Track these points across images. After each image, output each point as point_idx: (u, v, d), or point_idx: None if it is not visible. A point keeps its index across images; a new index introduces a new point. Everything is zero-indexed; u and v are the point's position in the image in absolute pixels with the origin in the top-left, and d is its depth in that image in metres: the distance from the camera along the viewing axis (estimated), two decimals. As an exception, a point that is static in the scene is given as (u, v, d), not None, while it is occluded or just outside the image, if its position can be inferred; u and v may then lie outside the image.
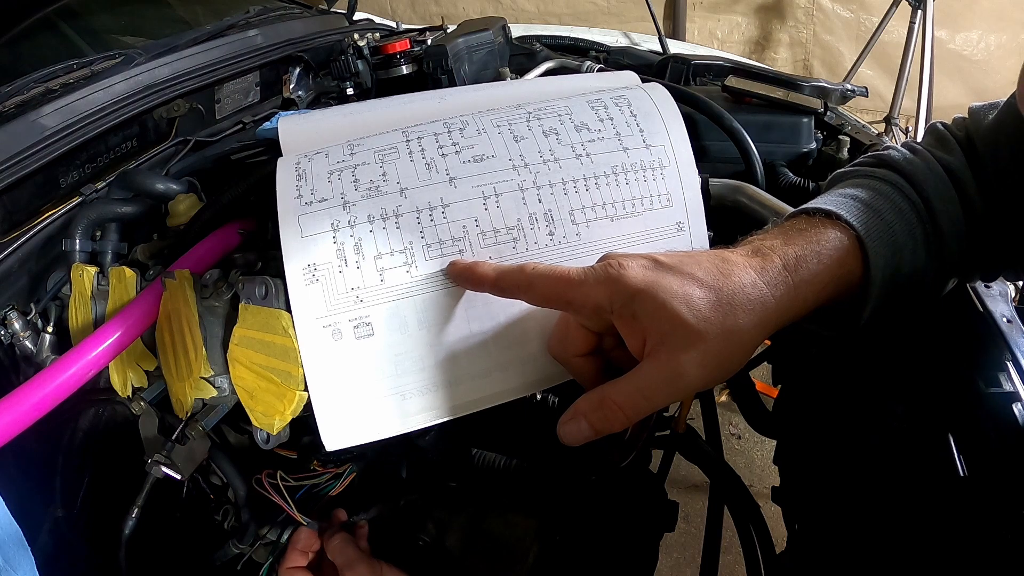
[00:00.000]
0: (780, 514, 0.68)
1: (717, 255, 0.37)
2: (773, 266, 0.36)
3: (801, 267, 0.37)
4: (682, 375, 0.34)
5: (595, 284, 0.36)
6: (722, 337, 0.34)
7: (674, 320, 0.34)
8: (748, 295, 0.35)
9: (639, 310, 0.35)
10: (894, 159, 0.43)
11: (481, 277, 0.42)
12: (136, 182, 0.63)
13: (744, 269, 0.36)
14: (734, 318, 0.34)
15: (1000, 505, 0.41)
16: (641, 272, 0.35)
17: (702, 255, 0.37)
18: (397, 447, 0.55)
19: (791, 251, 0.37)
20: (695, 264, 0.36)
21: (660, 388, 0.34)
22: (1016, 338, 0.45)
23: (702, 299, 0.34)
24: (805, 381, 0.66)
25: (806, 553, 0.61)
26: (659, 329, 0.34)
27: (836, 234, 0.39)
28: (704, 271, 0.35)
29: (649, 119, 0.52)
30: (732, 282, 0.35)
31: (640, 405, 0.35)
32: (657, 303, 0.34)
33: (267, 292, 0.45)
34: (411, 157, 0.48)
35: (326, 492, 0.54)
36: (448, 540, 0.54)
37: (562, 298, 0.38)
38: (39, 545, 0.54)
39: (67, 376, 0.46)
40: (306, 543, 0.51)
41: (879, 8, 2.22)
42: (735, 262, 0.36)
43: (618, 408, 0.35)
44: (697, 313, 0.34)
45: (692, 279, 0.35)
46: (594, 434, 0.36)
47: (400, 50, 0.88)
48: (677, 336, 0.34)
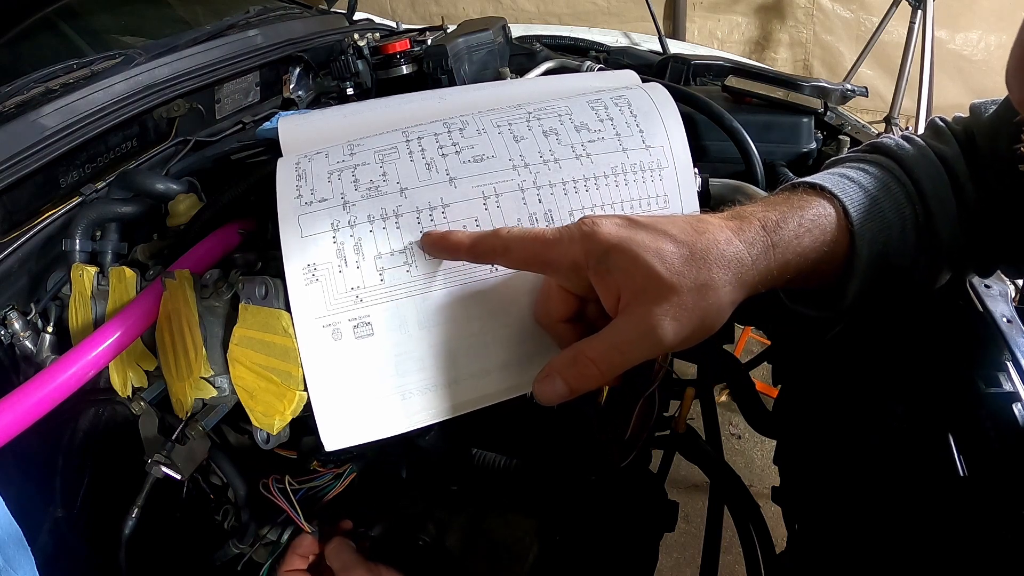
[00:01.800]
0: (780, 514, 0.68)
1: (693, 216, 0.37)
2: (750, 226, 0.36)
3: (781, 229, 0.37)
4: (655, 329, 0.33)
5: (570, 242, 0.36)
6: (696, 292, 0.33)
7: (647, 274, 0.34)
8: (723, 251, 0.35)
9: (613, 265, 0.35)
10: (886, 145, 0.43)
11: (456, 244, 0.41)
12: (136, 182, 0.63)
13: (720, 228, 0.36)
14: (708, 272, 0.34)
15: (1000, 505, 0.41)
16: (615, 229, 0.36)
17: (678, 216, 0.37)
18: (397, 447, 0.55)
19: (771, 214, 0.37)
20: (669, 223, 0.36)
21: (634, 343, 0.34)
22: (1016, 338, 0.45)
23: (675, 253, 0.34)
24: (805, 381, 0.66)
25: (806, 553, 0.61)
26: (632, 284, 0.34)
27: (821, 204, 0.39)
28: (678, 228, 0.35)
29: (649, 119, 0.52)
30: (706, 238, 0.35)
31: (614, 360, 0.34)
32: (629, 257, 0.34)
33: (267, 292, 0.45)
34: (411, 157, 0.48)
35: (326, 492, 0.54)
36: (448, 540, 0.54)
37: (538, 258, 0.38)
38: (39, 545, 0.54)
39: (67, 376, 0.46)
40: (307, 548, 0.51)
41: (879, 8, 2.22)
42: (710, 222, 0.36)
43: (592, 363, 0.35)
44: (670, 267, 0.34)
45: (665, 235, 0.35)
46: (569, 392, 0.36)
47: (400, 50, 0.88)
48: (650, 290, 0.33)
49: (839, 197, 0.39)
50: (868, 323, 0.55)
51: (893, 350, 0.54)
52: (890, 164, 0.42)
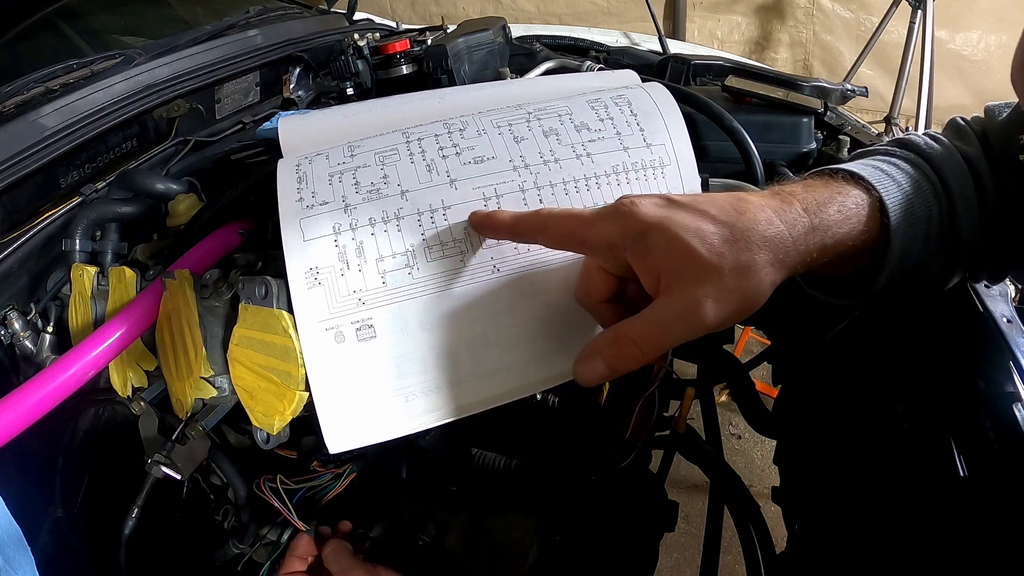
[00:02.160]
0: (780, 514, 0.68)
1: (733, 195, 0.37)
2: (792, 207, 0.36)
3: (822, 212, 0.36)
4: (697, 310, 0.33)
5: (608, 221, 0.36)
6: (737, 272, 0.33)
7: (688, 254, 0.33)
8: (764, 232, 0.34)
9: (652, 245, 0.34)
10: (915, 142, 0.43)
11: (499, 224, 0.42)
12: (136, 182, 0.63)
13: (761, 207, 0.35)
14: (749, 253, 0.33)
15: (1000, 505, 0.41)
16: (654, 208, 0.35)
17: (718, 195, 0.37)
18: (397, 447, 0.55)
19: (812, 196, 0.37)
20: (709, 202, 0.36)
21: (675, 323, 0.34)
22: (1016, 338, 0.45)
23: (716, 234, 0.34)
24: (805, 381, 0.66)
25: (806, 553, 0.61)
26: (672, 264, 0.34)
27: (858, 193, 0.39)
28: (718, 208, 0.35)
29: (649, 118, 0.52)
30: (747, 218, 0.34)
31: (655, 341, 0.34)
32: (669, 237, 0.34)
33: (267, 292, 0.45)
34: (412, 159, 0.48)
35: (326, 492, 0.54)
36: (448, 540, 0.54)
37: (575, 236, 0.38)
38: (39, 545, 0.54)
39: (67, 376, 0.46)
40: (305, 550, 0.51)
41: (879, 8, 2.21)
42: (751, 200, 0.36)
43: (633, 343, 0.34)
44: (711, 247, 0.33)
45: (706, 215, 0.35)
46: (609, 372, 0.35)
47: (400, 50, 0.88)
48: (691, 270, 0.33)
49: (877, 190, 0.39)
50: (868, 323, 0.55)
51: (893, 350, 0.54)
52: (919, 161, 0.42)
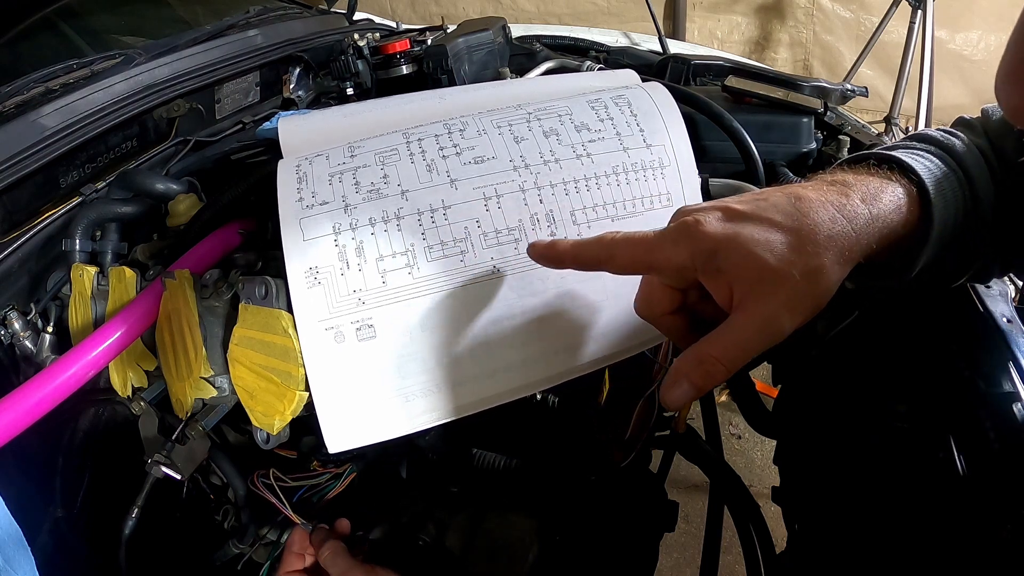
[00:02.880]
0: (780, 514, 0.68)
1: (791, 193, 0.37)
2: (851, 200, 0.36)
3: (877, 201, 0.37)
4: (774, 321, 0.34)
5: (675, 244, 0.36)
6: (807, 277, 0.34)
7: (760, 268, 0.34)
8: (828, 231, 0.35)
9: (723, 264, 0.35)
10: (931, 136, 0.44)
11: (561, 255, 0.42)
12: (136, 182, 0.63)
13: (823, 205, 0.36)
14: (818, 257, 0.34)
15: (1000, 505, 0.41)
16: (719, 225, 0.36)
17: (774, 194, 0.37)
18: (397, 447, 0.55)
19: (865, 186, 0.38)
20: (770, 207, 0.36)
21: (755, 337, 0.34)
22: (1016, 338, 0.45)
23: (783, 243, 0.34)
24: (805, 381, 0.66)
25: (806, 553, 0.61)
26: (746, 278, 0.34)
27: (902, 179, 0.39)
28: (782, 214, 0.35)
29: (649, 118, 0.52)
30: (811, 220, 0.35)
31: (737, 356, 0.35)
32: (741, 254, 0.34)
33: (267, 292, 0.45)
34: (412, 159, 0.48)
35: (326, 492, 0.54)
36: (448, 540, 0.54)
37: (643, 263, 0.38)
38: (39, 545, 0.54)
39: (67, 376, 0.46)
40: (301, 545, 0.51)
41: (879, 8, 2.21)
42: (811, 199, 0.36)
43: (717, 362, 0.35)
44: (780, 257, 0.34)
45: (771, 223, 0.35)
46: (697, 393, 0.36)
47: (400, 50, 0.88)
48: (764, 283, 0.34)
49: (919, 174, 0.39)
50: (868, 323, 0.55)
51: (893, 350, 0.54)
52: (941, 153, 0.43)
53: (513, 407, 0.47)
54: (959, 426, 0.46)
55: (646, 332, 0.50)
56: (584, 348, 0.48)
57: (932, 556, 0.46)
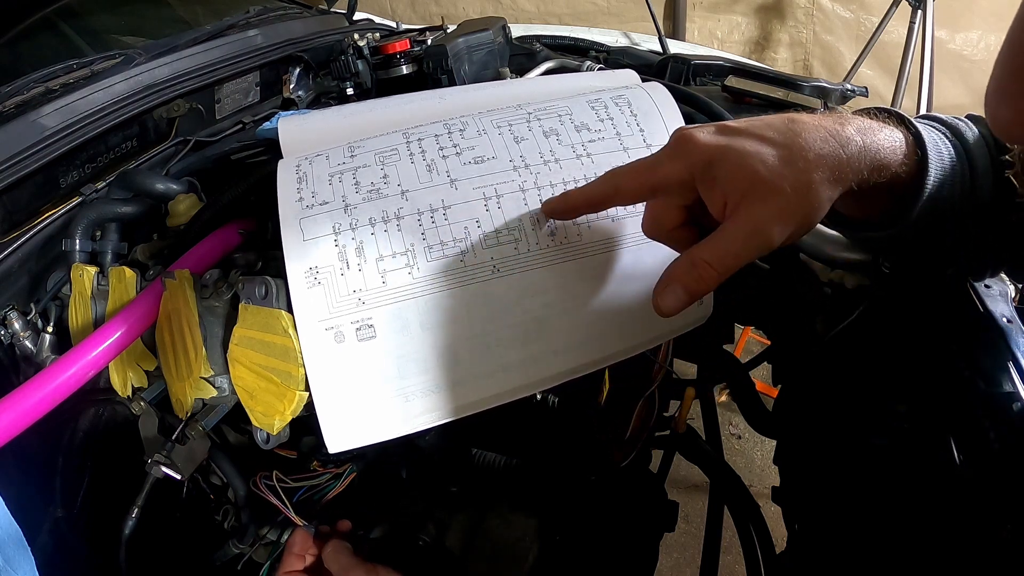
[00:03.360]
0: (780, 514, 0.68)
1: (787, 116, 0.38)
2: (846, 128, 0.38)
3: (872, 134, 0.38)
4: (763, 229, 0.35)
5: (672, 160, 0.38)
6: (797, 191, 0.35)
7: (752, 178, 0.35)
8: (819, 150, 0.36)
9: (718, 173, 0.36)
10: (936, 115, 0.45)
11: (574, 204, 0.44)
12: (136, 182, 0.63)
13: (816, 127, 0.37)
14: (808, 173, 0.35)
15: (1000, 505, 0.41)
16: (713, 138, 0.37)
17: (770, 117, 0.38)
18: (397, 447, 0.55)
19: (862, 121, 0.39)
20: (765, 126, 0.37)
21: (745, 243, 0.36)
22: (1016, 338, 0.45)
23: (775, 155, 0.36)
24: (805, 381, 0.66)
25: (806, 553, 0.61)
26: (738, 188, 0.36)
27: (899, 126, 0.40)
28: (775, 131, 0.37)
29: (649, 118, 0.52)
30: (804, 139, 0.36)
31: (728, 261, 0.36)
32: (733, 164, 0.36)
33: (267, 292, 0.45)
34: (412, 159, 0.48)
35: (326, 492, 0.54)
36: (448, 540, 0.54)
37: (647, 185, 0.40)
38: (39, 545, 0.54)
39: (67, 376, 0.46)
40: (302, 546, 0.51)
41: (879, 8, 2.21)
42: (805, 122, 0.37)
43: (707, 265, 0.36)
44: (772, 169, 0.35)
45: (763, 139, 0.36)
46: (688, 299, 0.37)
47: (400, 50, 0.88)
48: (755, 193, 0.35)
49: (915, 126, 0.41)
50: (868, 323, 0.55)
51: (893, 350, 0.54)
52: (940, 127, 0.44)
53: (513, 407, 0.47)
54: (959, 426, 0.46)
55: (646, 332, 0.50)
56: (584, 348, 0.48)
57: (932, 556, 0.46)
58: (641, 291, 0.48)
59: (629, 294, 0.48)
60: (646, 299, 0.47)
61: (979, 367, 0.45)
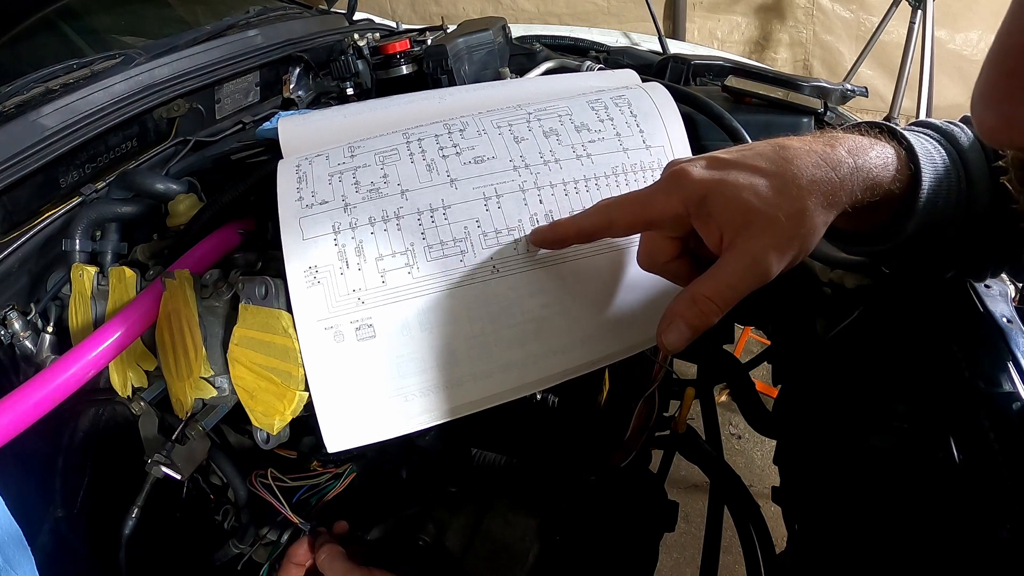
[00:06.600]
0: (780, 514, 0.68)
1: (776, 143, 0.38)
2: (836, 150, 0.37)
3: (864, 154, 0.38)
4: (760, 261, 0.35)
5: (667, 196, 0.38)
6: (792, 219, 0.35)
7: (746, 211, 0.35)
8: (811, 175, 0.36)
9: (712, 208, 0.36)
10: (932, 122, 0.45)
11: (564, 234, 0.44)
12: (136, 182, 0.63)
13: (807, 153, 0.37)
14: (801, 200, 0.35)
15: (1000, 505, 0.41)
16: (706, 172, 0.37)
17: (759, 144, 0.39)
18: (397, 447, 0.55)
19: (853, 140, 0.39)
20: (755, 155, 0.37)
21: (743, 277, 0.36)
22: (1016, 338, 0.45)
23: (768, 186, 0.36)
24: (805, 381, 0.66)
25: (806, 553, 0.61)
26: (733, 222, 0.36)
27: (891, 142, 0.40)
28: (766, 160, 0.37)
29: (649, 119, 0.52)
30: (795, 165, 0.36)
31: (728, 296, 0.36)
32: (727, 197, 0.36)
33: (267, 292, 0.45)
34: (412, 159, 0.48)
35: (326, 492, 0.54)
36: (448, 540, 0.54)
37: (642, 220, 0.40)
38: (39, 545, 0.54)
39: (67, 376, 0.46)
40: (303, 557, 0.51)
41: (879, 8, 2.21)
42: (796, 147, 0.37)
43: (708, 301, 0.37)
44: (765, 200, 0.35)
45: (755, 169, 0.36)
46: (692, 334, 0.38)
47: (400, 50, 0.88)
48: (750, 225, 0.35)
49: (908, 139, 0.40)
50: (868, 323, 0.55)
51: (893, 350, 0.54)
52: (935, 135, 0.43)
53: (512, 407, 0.47)
54: (959, 426, 0.46)
55: (645, 332, 0.50)
56: (584, 348, 0.48)
57: (932, 556, 0.46)
58: (640, 291, 0.48)
59: (628, 294, 0.48)
60: (645, 299, 0.47)
61: (979, 367, 0.45)
